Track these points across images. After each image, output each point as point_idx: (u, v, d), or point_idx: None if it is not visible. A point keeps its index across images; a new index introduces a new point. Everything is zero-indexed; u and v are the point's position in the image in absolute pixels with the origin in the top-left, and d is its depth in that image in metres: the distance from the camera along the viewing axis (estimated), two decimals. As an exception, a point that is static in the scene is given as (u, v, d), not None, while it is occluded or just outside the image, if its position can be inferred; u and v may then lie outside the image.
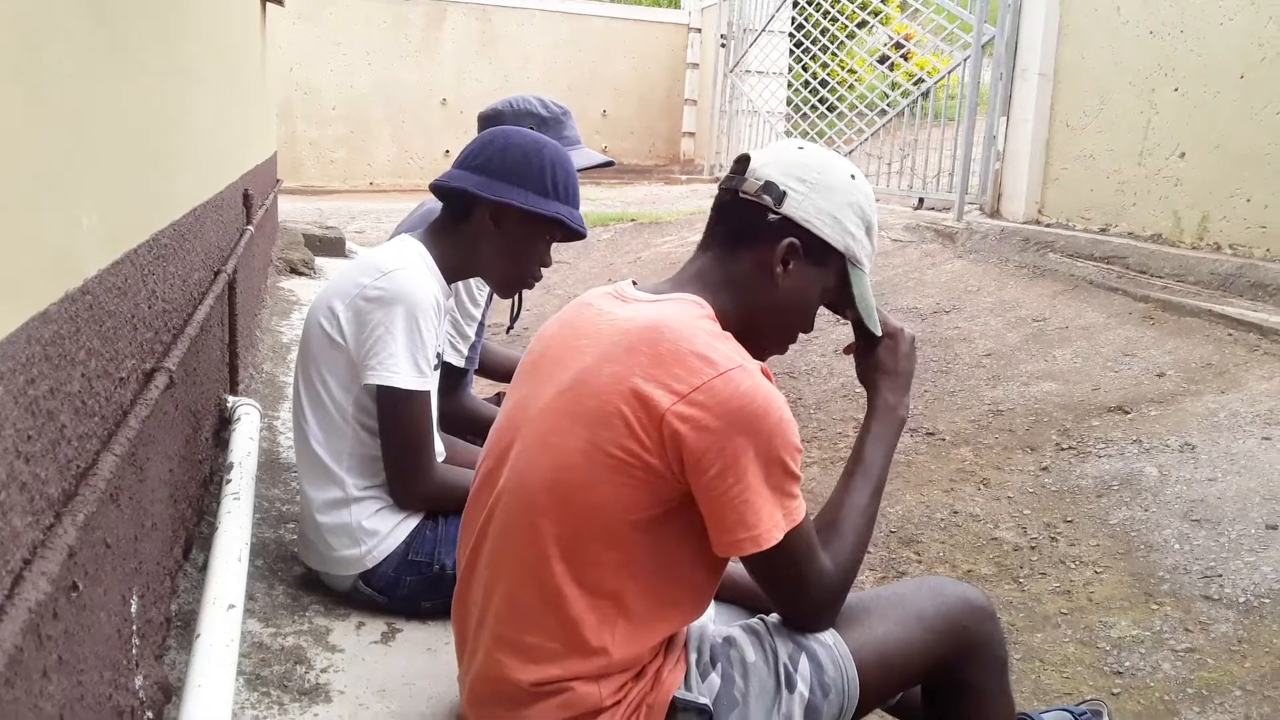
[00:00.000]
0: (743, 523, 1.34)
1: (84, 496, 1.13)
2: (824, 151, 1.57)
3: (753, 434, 1.32)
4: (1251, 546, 2.71)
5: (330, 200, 9.86)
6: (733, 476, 1.32)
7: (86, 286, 1.24)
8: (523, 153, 2.02)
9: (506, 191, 1.99)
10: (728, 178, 1.56)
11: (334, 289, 2.04)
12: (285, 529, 2.44)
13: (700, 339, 1.37)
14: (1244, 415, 3.38)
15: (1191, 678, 2.33)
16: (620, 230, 7.96)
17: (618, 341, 1.40)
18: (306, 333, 2.08)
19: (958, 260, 5.77)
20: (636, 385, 1.33)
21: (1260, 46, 4.52)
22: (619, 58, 13.02)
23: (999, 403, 3.98)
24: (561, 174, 2.04)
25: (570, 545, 1.38)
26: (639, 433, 1.33)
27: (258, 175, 4.37)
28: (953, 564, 2.98)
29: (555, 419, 1.42)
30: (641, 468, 1.34)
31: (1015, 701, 1.74)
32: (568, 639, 1.39)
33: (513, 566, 1.43)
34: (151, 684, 1.58)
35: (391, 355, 1.92)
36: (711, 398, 1.31)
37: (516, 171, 2.00)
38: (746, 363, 1.36)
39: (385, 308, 1.94)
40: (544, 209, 2.00)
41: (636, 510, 1.37)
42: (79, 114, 1.26)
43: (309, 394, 2.06)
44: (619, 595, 1.39)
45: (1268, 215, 4.52)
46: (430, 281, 2.00)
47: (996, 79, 6.19)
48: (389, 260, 2.01)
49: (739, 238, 1.53)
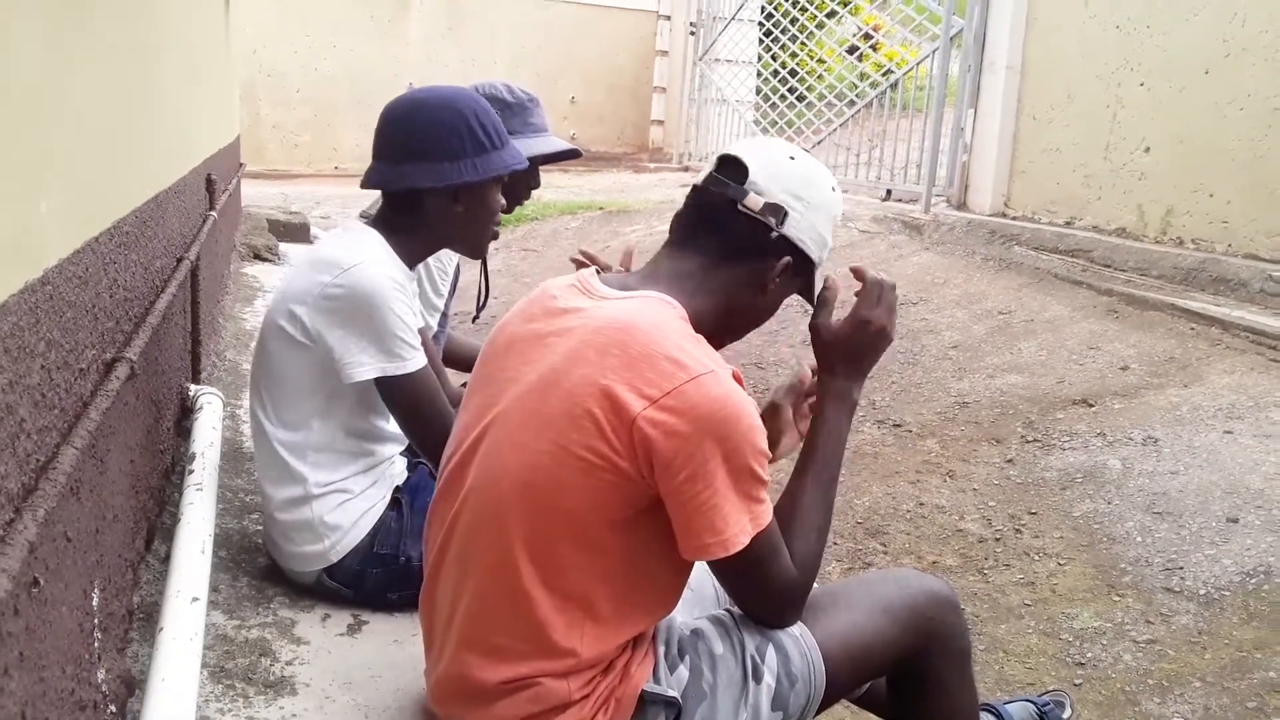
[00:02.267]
0: (711, 527, 1.34)
1: (44, 491, 1.11)
2: (812, 163, 1.56)
3: (722, 440, 1.32)
4: (1212, 539, 2.75)
5: (295, 185, 9.76)
6: (702, 482, 1.32)
7: (46, 277, 1.21)
8: (440, 123, 1.94)
9: (453, 171, 1.93)
10: (718, 181, 1.51)
11: (292, 290, 1.98)
12: (249, 519, 2.41)
13: (672, 341, 1.36)
14: (1206, 409, 3.43)
15: (1152, 669, 2.36)
16: (588, 219, 7.93)
17: (587, 341, 1.38)
18: (264, 335, 2.04)
19: (925, 252, 5.80)
20: (608, 387, 1.32)
21: (1225, 43, 4.57)
22: (588, 44, 12.95)
23: (965, 395, 4.01)
24: (488, 121, 1.97)
25: (538, 547, 1.37)
26: (609, 435, 1.32)
27: (221, 159, 4.31)
28: (918, 555, 3.00)
29: (523, 418, 1.40)
30: (610, 470, 1.33)
31: (979, 692, 1.76)
32: (535, 640, 1.39)
33: (480, 567, 1.42)
34: (114, 678, 1.56)
35: (384, 349, 1.89)
36: (683, 402, 1.31)
37: (445, 145, 1.93)
38: (718, 367, 1.36)
39: (352, 305, 1.89)
40: (495, 170, 1.97)
41: (606, 513, 1.36)
42: (37, 99, 1.23)
43: (269, 392, 2.03)
44: (588, 598, 1.39)
45: (1230, 210, 4.58)
46: (390, 267, 1.96)
47: (965, 71, 6.22)
48: (345, 255, 1.94)
49: (733, 251, 1.51)
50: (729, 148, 1.56)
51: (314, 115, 11.49)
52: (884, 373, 4.36)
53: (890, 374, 4.34)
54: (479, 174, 1.95)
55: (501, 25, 12.42)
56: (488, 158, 1.96)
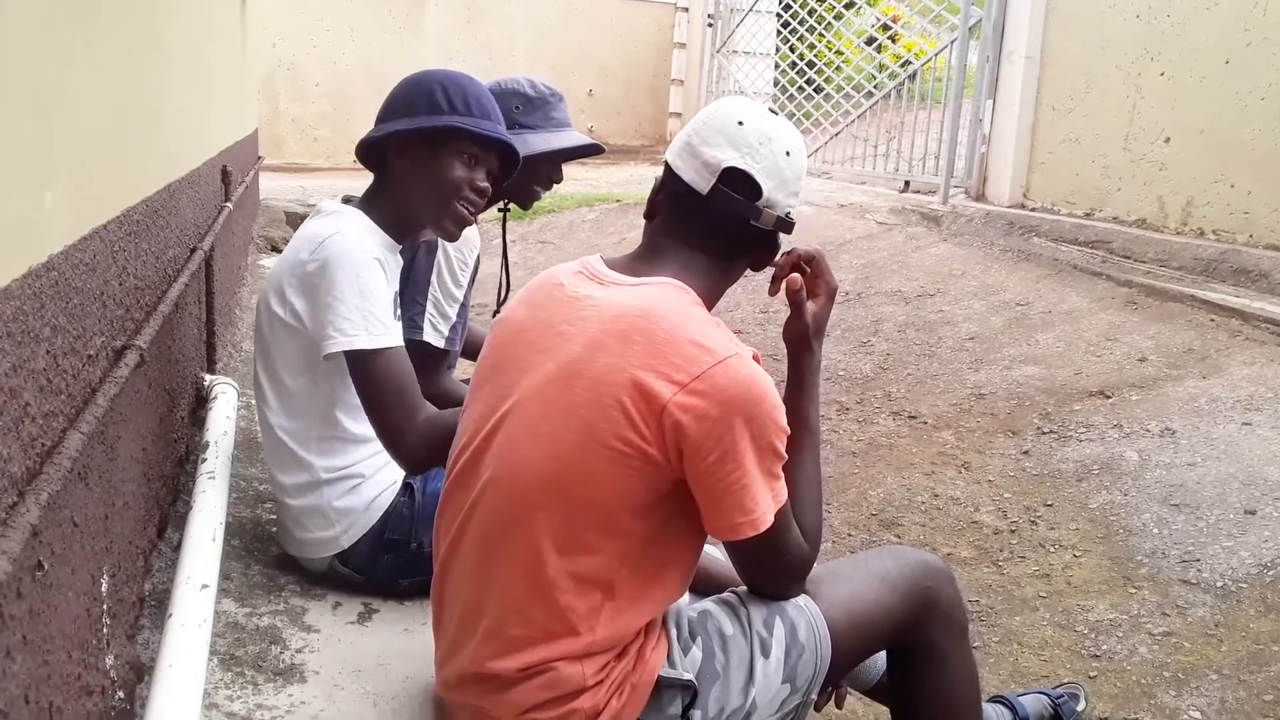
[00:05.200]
0: (740, 507, 1.36)
1: (48, 475, 1.11)
2: (797, 141, 1.55)
3: (750, 420, 1.34)
4: (1230, 531, 2.73)
5: (313, 178, 9.78)
6: (732, 463, 1.34)
7: (51, 262, 1.21)
8: (407, 87, 2.03)
9: (396, 125, 1.98)
10: (723, 194, 1.48)
11: (279, 271, 1.98)
12: (263, 508, 2.42)
13: (694, 326, 1.38)
14: (1224, 401, 3.39)
15: (1168, 661, 2.34)
16: (605, 211, 7.92)
17: (606, 329, 1.39)
18: (259, 320, 2.04)
19: (943, 244, 5.77)
20: (636, 376, 1.33)
21: (1246, 31, 4.52)
22: (606, 37, 12.92)
23: (981, 386, 3.98)
24: (454, 90, 1.99)
25: (565, 537, 1.38)
26: (639, 423, 1.33)
27: (238, 152, 4.32)
28: (933, 547, 2.98)
29: (544, 408, 1.40)
30: (639, 457, 1.34)
31: (993, 686, 1.75)
32: (554, 626, 1.39)
33: (503, 559, 1.41)
34: (123, 663, 1.57)
35: (347, 319, 1.84)
36: (711, 385, 1.33)
37: (406, 105, 2.00)
38: (741, 350, 1.38)
39: (325, 276, 1.87)
40: (433, 122, 1.96)
41: (631, 499, 1.37)
42: (44, 88, 1.23)
43: (270, 380, 2.02)
44: (610, 582, 1.40)
45: (1251, 201, 4.53)
46: (365, 239, 1.94)
47: (983, 62, 6.17)
48: (322, 229, 1.95)
49: (741, 250, 1.56)
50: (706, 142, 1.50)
51: (333, 109, 11.51)
52: (899, 364, 4.35)
53: (906, 365, 4.32)
54: (414, 124, 1.96)
55: (519, 18, 12.41)
56: (435, 116, 1.97)
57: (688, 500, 1.40)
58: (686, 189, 1.50)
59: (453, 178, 2.00)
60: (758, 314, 5.19)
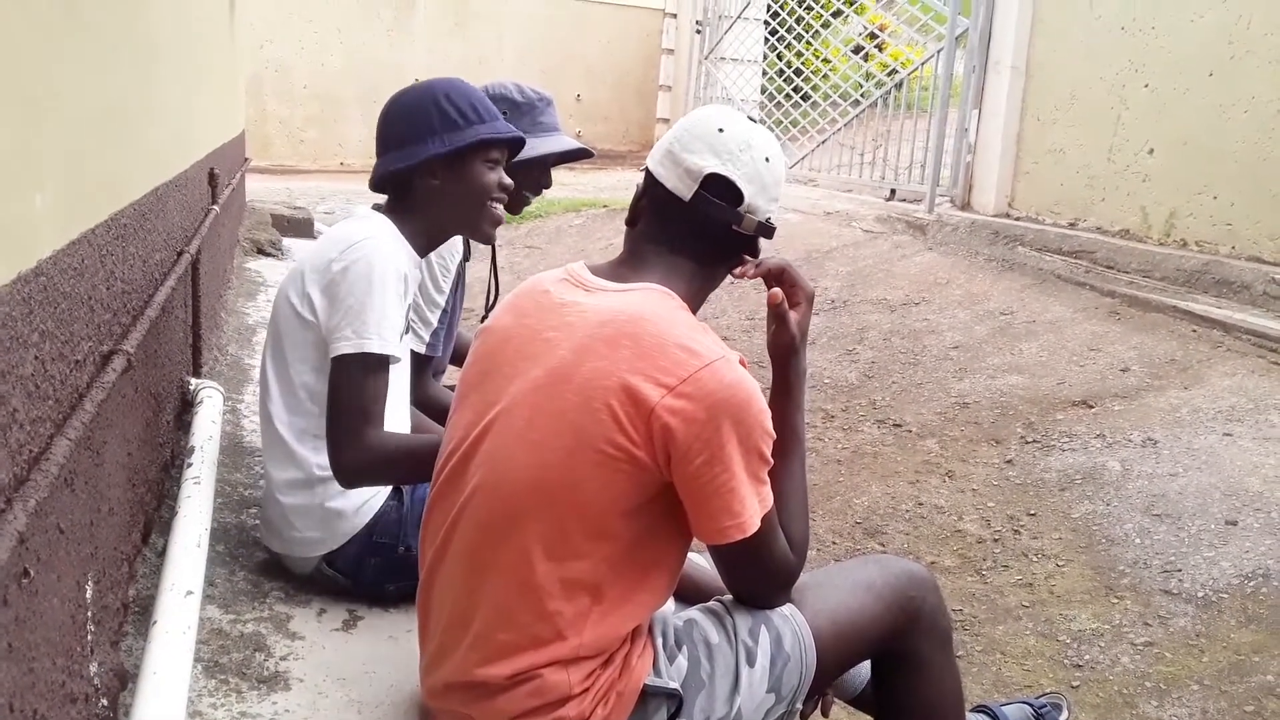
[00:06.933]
0: (727, 510, 1.37)
1: (36, 482, 1.11)
2: (776, 148, 1.57)
3: (737, 423, 1.35)
4: (1211, 542, 2.75)
5: (300, 180, 9.76)
6: (719, 465, 1.35)
7: (40, 268, 1.21)
8: (407, 110, 2.03)
9: (422, 150, 1.98)
10: (705, 200, 1.50)
11: (305, 266, 2.00)
12: (247, 514, 2.41)
13: (681, 330, 1.39)
14: (1206, 411, 3.42)
15: (1150, 671, 2.36)
16: (592, 216, 7.93)
17: (593, 334, 1.39)
18: (275, 311, 2.05)
19: (928, 252, 5.79)
20: (624, 379, 1.34)
21: (1230, 44, 4.56)
22: (594, 41, 12.95)
23: (965, 395, 4.00)
24: (460, 99, 2.02)
25: (554, 542, 1.38)
26: (627, 427, 1.34)
27: (224, 154, 4.31)
28: (917, 555, 2.99)
29: (532, 414, 1.40)
30: (628, 461, 1.35)
31: (975, 695, 1.76)
32: (542, 631, 1.39)
33: (492, 565, 1.41)
34: (107, 670, 1.56)
35: (363, 323, 1.87)
36: (698, 389, 1.33)
37: (417, 128, 2.00)
38: (728, 353, 1.39)
39: (350, 278, 1.89)
40: (462, 140, 1.99)
41: (620, 503, 1.38)
42: (30, 91, 1.23)
43: (276, 373, 2.03)
44: (598, 586, 1.40)
45: (1234, 213, 4.56)
46: (398, 251, 1.98)
47: (969, 71, 6.21)
48: (355, 232, 1.98)
49: (724, 255, 1.56)
50: (687, 149, 1.51)
51: (320, 111, 11.49)
52: (884, 372, 4.36)
53: (891, 374, 4.33)
54: (446, 146, 1.98)
55: (507, 21, 12.42)
56: (458, 134, 1.99)
57: (675, 504, 1.41)
58: (669, 195, 1.51)
59: (484, 184, 2.05)
60: (743, 320, 5.20)
